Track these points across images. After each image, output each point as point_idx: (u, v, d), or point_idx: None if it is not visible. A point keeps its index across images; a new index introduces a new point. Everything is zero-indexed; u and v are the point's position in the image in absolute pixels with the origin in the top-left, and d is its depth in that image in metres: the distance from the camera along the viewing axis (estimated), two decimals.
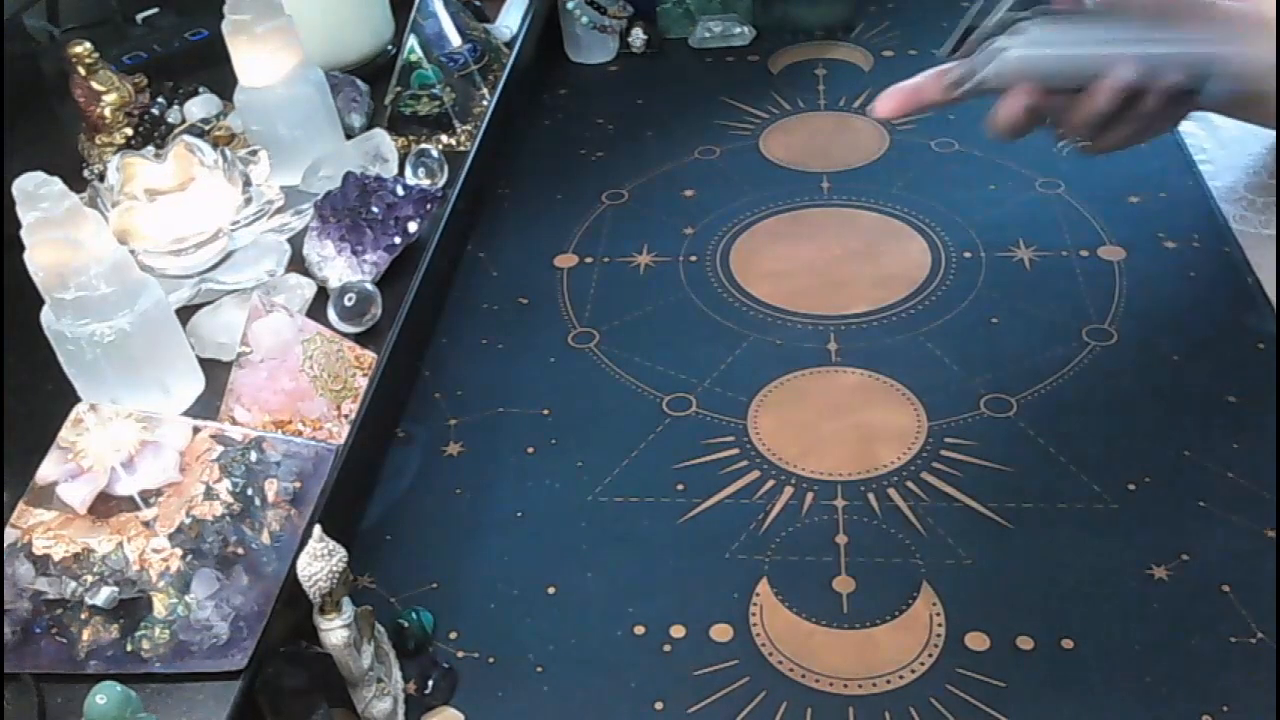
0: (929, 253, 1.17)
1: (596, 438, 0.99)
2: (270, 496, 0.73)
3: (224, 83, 1.11)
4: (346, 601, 0.69)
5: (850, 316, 1.10)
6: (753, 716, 0.76)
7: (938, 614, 0.82)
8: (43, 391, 0.81)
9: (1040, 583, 0.83)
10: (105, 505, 0.68)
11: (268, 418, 0.79)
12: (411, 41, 1.13)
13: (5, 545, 0.68)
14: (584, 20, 1.53)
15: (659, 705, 0.77)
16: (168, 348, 0.80)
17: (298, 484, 0.75)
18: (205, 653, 0.66)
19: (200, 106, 1.15)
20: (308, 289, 0.92)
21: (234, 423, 0.77)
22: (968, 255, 1.16)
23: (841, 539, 0.88)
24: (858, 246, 1.19)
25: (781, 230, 1.23)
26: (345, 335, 0.87)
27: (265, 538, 0.71)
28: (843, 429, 0.98)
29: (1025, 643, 0.79)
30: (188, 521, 0.67)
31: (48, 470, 0.69)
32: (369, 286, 0.90)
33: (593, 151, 1.40)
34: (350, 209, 0.93)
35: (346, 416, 0.83)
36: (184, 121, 1.14)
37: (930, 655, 0.79)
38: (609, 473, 0.96)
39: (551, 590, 0.86)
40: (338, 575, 0.67)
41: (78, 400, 0.75)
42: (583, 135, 1.43)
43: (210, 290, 0.91)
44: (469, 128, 1.15)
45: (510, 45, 1.32)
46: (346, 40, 1.22)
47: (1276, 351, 0.99)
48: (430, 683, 0.79)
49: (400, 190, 0.96)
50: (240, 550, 0.69)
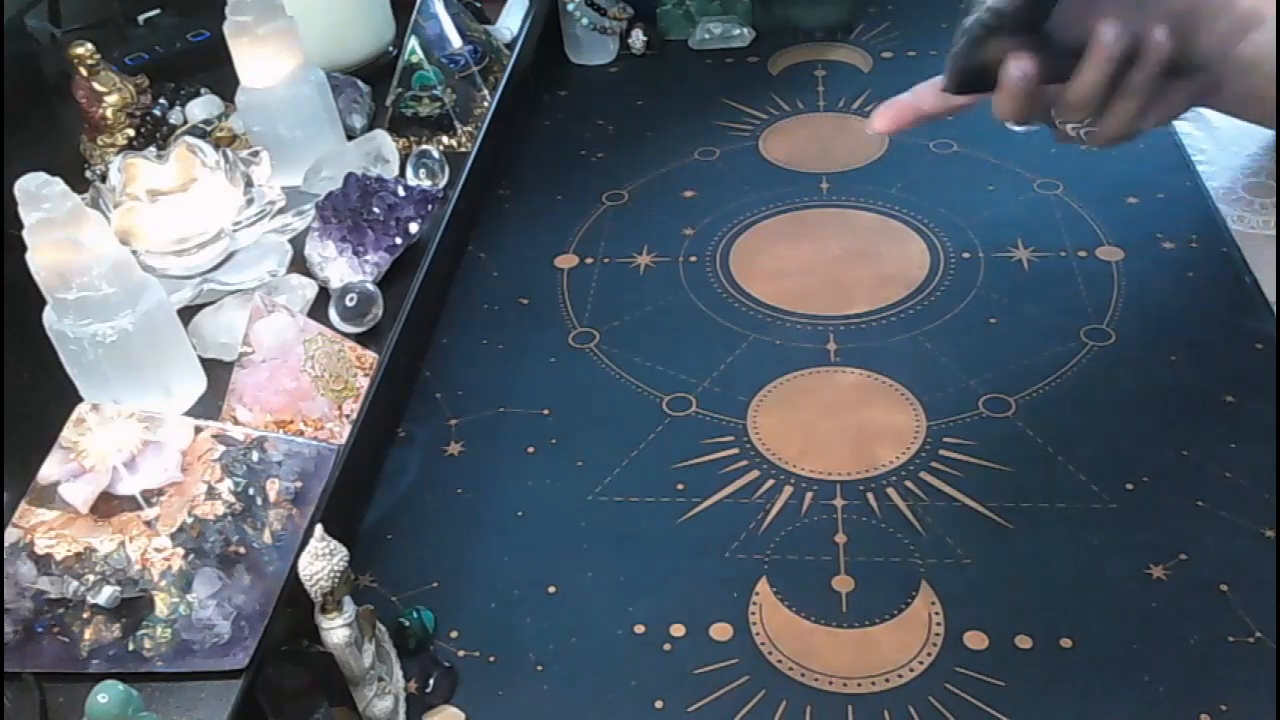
0: (928, 253, 1.17)
1: (596, 437, 0.99)
2: (272, 496, 0.73)
3: (225, 84, 1.11)
4: (348, 601, 0.69)
5: (849, 317, 1.10)
6: (752, 715, 0.77)
7: (936, 613, 0.82)
8: (44, 391, 0.81)
9: (1039, 582, 0.83)
10: (107, 505, 0.68)
11: (269, 418, 0.79)
12: (412, 43, 1.13)
13: (7, 545, 0.68)
14: (584, 22, 1.53)
15: (659, 704, 0.78)
16: (169, 348, 0.80)
17: (299, 484, 0.75)
18: (207, 652, 0.66)
19: (202, 107, 1.16)
20: (309, 289, 0.92)
21: (236, 422, 0.78)
22: (966, 256, 1.16)
23: (841, 538, 0.88)
24: (857, 247, 1.19)
25: (781, 231, 1.23)
26: (346, 335, 0.88)
27: (267, 537, 0.71)
28: (842, 429, 0.98)
29: (1024, 642, 0.79)
30: (189, 521, 0.68)
31: (50, 470, 0.69)
32: (370, 287, 0.90)
33: (593, 152, 1.40)
34: (351, 210, 0.93)
35: (348, 416, 0.83)
36: (185, 122, 1.15)
37: (929, 654, 0.79)
38: (609, 472, 0.96)
39: (552, 590, 0.87)
40: (339, 574, 0.67)
41: (80, 400, 0.76)
42: (583, 136, 1.43)
43: (212, 290, 0.91)
44: (470, 129, 1.15)
45: (511, 47, 1.32)
46: (348, 41, 1.22)
47: (1275, 351, 0.99)
48: (431, 682, 0.80)
49: (401, 191, 0.97)
50: (242, 550, 0.69)
